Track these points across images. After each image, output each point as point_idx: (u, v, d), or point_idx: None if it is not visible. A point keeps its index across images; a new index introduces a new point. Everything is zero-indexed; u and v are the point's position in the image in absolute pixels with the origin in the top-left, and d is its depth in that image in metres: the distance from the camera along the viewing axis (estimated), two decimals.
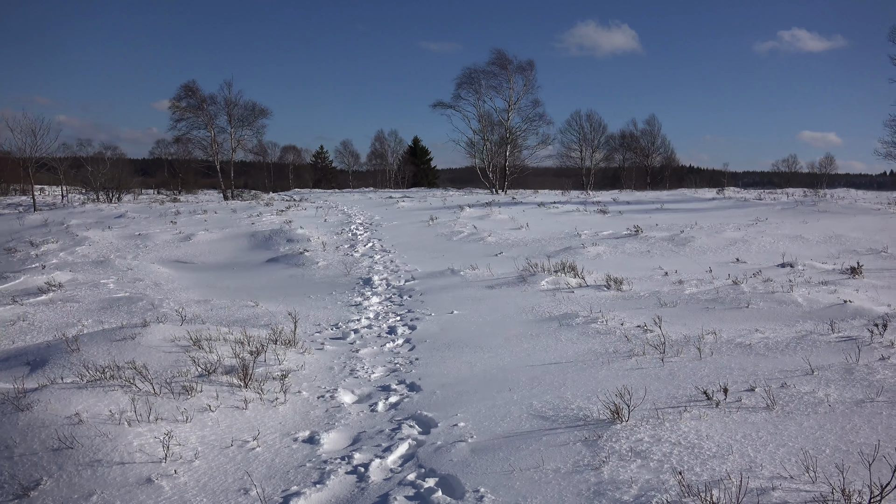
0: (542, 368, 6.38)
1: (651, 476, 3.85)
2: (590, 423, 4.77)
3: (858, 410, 4.62)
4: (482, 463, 4.35)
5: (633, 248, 14.83)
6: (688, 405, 4.96)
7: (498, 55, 43.43)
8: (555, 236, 17.02)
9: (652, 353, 6.51)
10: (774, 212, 21.59)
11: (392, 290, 11.29)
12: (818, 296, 8.65)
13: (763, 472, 3.78)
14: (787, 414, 4.65)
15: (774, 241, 15.41)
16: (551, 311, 8.78)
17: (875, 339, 6.41)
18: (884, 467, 3.62)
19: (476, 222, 20.61)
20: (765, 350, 6.41)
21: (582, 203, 28.50)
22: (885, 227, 17.50)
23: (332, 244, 17.00)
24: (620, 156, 67.59)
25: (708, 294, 9.30)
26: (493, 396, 5.67)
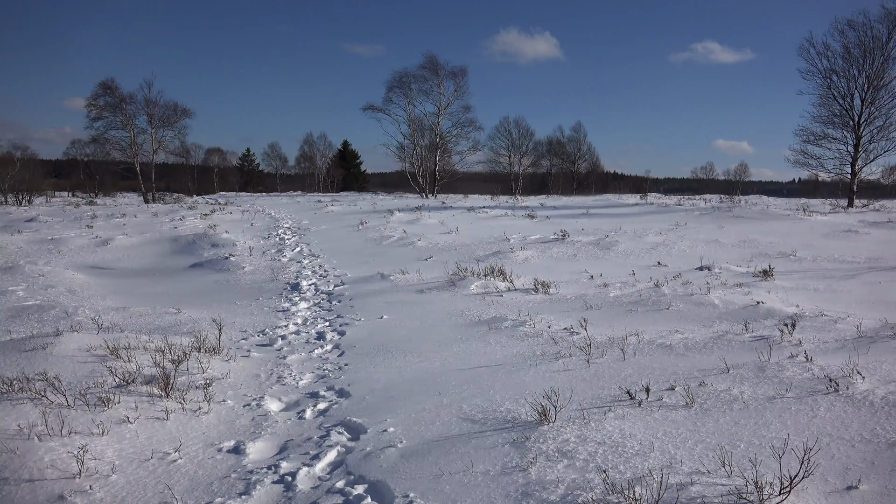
0: (472, 372, 6.42)
1: (577, 475, 3.93)
2: (518, 424, 4.84)
3: (770, 406, 4.86)
4: (412, 468, 4.34)
5: (561, 253, 15.14)
6: (612, 405, 5.09)
7: (429, 60, 43.64)
8: (484, 241, 17.19)
9: (578, 354, 6.66)
10: (693, 217, 22.48)
11: (321, 295, 11.14)
12: (733, 297, 9.05)
13: (682, 468, 3.92)
14: (704, 411, 4.84)
15: (693, 245, 16.04)
16: (481, 315, 8.86)
17: (785, 338, 6.77)
18: (793, 460, 3.81)
19: (406, 227, 20.60)
20: (684, 350, 6.66)
21: (511, 208, 28.91)
22: (794, 231, 18.50)
23: (259, 249, 16.65)
24: (548, 161, 69.03)
25: (631, 297, 9.59)
26: (422, 401, 5.67)
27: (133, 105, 42.50)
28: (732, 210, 23.72)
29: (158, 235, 18.93)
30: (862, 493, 3.57)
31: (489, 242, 16.87)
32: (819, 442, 4.17)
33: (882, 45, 30.45)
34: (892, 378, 5.31)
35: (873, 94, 31.12)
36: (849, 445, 4.14)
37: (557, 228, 18.79)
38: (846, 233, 18.14)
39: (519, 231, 19.28)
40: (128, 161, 44.65)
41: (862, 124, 31.51)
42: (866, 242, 16.64)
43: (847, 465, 3.89)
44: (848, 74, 31.54)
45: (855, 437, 4.24)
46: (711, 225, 20.13)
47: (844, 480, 3.72)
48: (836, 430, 4.38)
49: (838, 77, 31.83)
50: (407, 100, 44.44)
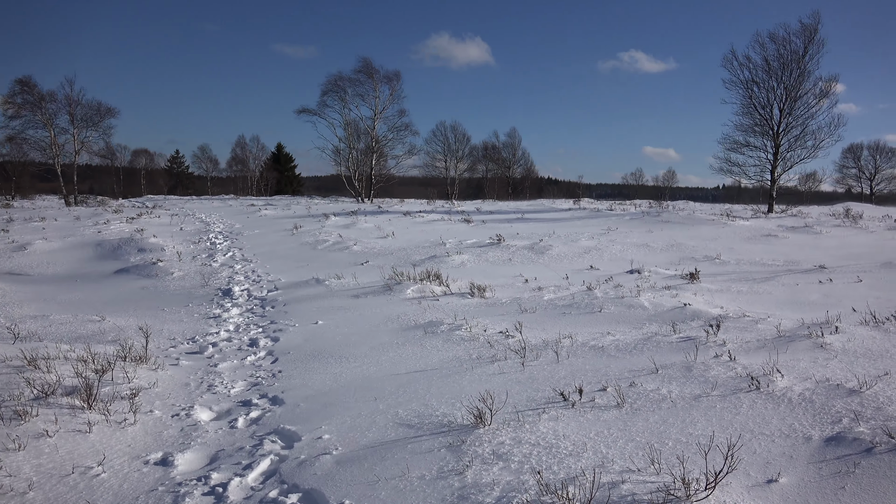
0: (408, 377, 6.41)
1: (512, 477, 3.97)
2: (454, 428, 4.85)
3: (696, 405, 5.03)
4: (347, 475, 4.29)
5: (496, 257, 15.28)
6: (546, 407, 5.17)
7: (364, 64, 43.41)
8: (420, 245, 17.20)
9: (513, 357, 6.73)
10: (624, 222, 23.10)
11: (254, 300, 10.91)
12: (662, 300, 9.33)
13: (614, 467, 4.01)
14: (635, 411, 4.97)
15: (624, 249, 16.47)
16: (417, 320, 8.85)
17: (710, 339, 7.02)
18: (718, 456, 3.95)
19: (342, 231, 20.42)
20: (615, 351, 6.82)
21: (447, 212, 29.03)
22: (718, 236, 19.24)
23: (189, 254, 16.18)
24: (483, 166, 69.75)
25: (565, 300, 9.76)
26: (358, 407, 5.62)
27: (53, 104, 40.72)
28: (661, 215, 24.50)
29: (81, 240, 18.14)
30: (781, 486, 3.74)
31: (425, 247, 16.89)
32: (742, 438, 4.34)
33: (798, 59, 32.08)
34: (809, 375, 5.58)
35: (790, 104, 32.72)
36: (769, 440, 4.33)
37: (493, 233, 18.97)
38: (766, 237, 19.00)
39: (455, 235, 19.37)
40: (47, 162, 42.68)
41: (780, 133, 33.08)
42: (785, 246, 17.46)
43: (768, 460, 4.06)
44: (767, 86, 33.09)
45: (775, 433, 4.44)
46: (641, 229, 20.72)
47: (765, 474, 3.88)
48: (757, 426, 4.57)
49: (759, 88, 33.35)
50: (342, 103, 44.10)
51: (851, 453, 4.03)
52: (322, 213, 26.87)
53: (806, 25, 32.05)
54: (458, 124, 64.94)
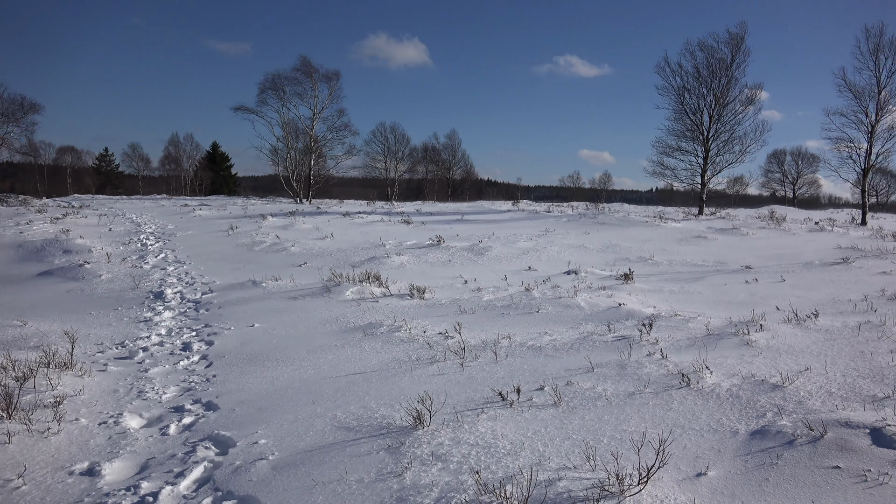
0: (347, 379, 6.35)
1: (451, 478, 3.98)
2: (393, 430, 4.83)
3: (630, 402, 5.16)
4: (284, 480, 4.21)
5: (436, 258, 15.32)
6: (485, 407, 5.21)
7: (303, 62, 42.77)
8: (360, 246, 17.08)
9: (453, 358, 6.75)
10: (561, 223, 23.50)
11: (187, 303, 10.61)
12: (598, 300, 9.53)
13: (551, 465, 4.07)
14: (571, 409, 5.06)
15: (561, 250, 16.76)
16: (356, 321, 8.78)
17: (643, 338, 7.21)
18: (650, 451, 4.06)
19: (279, 232, 20.08)
20: (553, 351, 6.93)
21: (387, 213, 28.93)
22: (652, 237, 19.80)
23: (118, 255, 15.62)
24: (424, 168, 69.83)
25: (504, 300, 9.86)
26: (296, 410, 5.53)
27: None
28: (597, 217, 25.04)
29: (0, 241, 17.28)
30: (710, 479, 3.87)
31: (365, 248, 16.78)
32: (673, 433, 4.48)
33: (726, 67, 33.32)
34: (736, 372, 5.80)
35: (719, 111, 33.95)
36: (698, 435, 4.47)
37: (433, 234, 19.01)
38: (697, 238, 19.65)
39: (395, 237, 19.32)
40: None
41: (710, 138, 34.27)
42: (714, 247, 18.10)
43: (697, 454, 4.20)
44: (698, 92, 34.24)
45: (704, 428, 4.59)
46: (578, 231, 21.13)
47: (695, 468, 4.01)
48: (687, 421, 4.72)
49: (690, 94, 34.47)
50: (280, 102, 43.31)
51: (775, 446, 4.21)
52: (259, 214, 26.37)
53: (733, 35, 33.40)
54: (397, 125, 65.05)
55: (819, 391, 5.19)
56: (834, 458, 3.97)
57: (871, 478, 3.72)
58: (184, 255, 15.99)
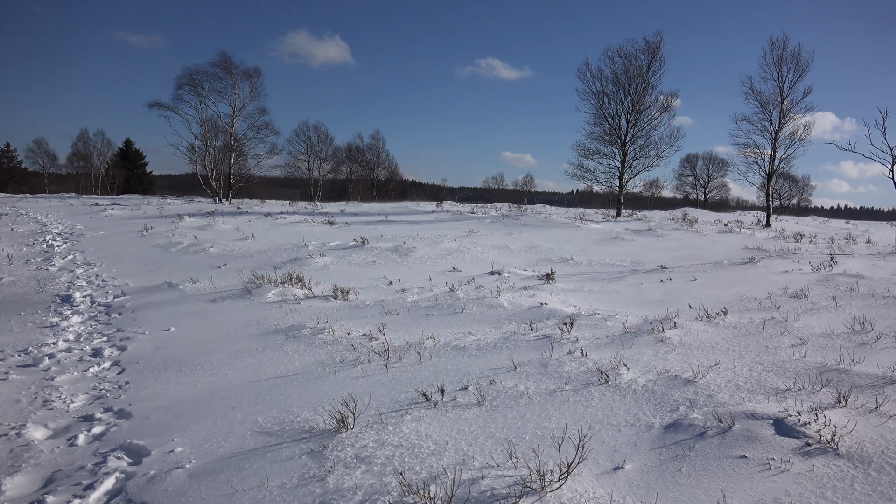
0: (269, 383, 6.21)
1: (375, 480, 3.96)
2: (316, 434, 4.76)
3: (551, 399, 5.27)
4: (201, 488, 4.08)
5: (360, 259, 15.20)
6: (409, 408, 5.21)
7: (222, 58, 41.54)
8: (282, 247, 16.75)
9: (377, 360, 6.72)
10: (485, 224, 23.77)
11: (98, 307, 10.12)
12: (521, 300, 9.69)
13: (474, 464, 4.11)
14: (494, 408, 5.12)
15: (485, 250, 16.94)
16: (278, 324, 8.61)
17: (564, 336, 7.39)
18: (570, 447, 4.16)
19: (197, 232, 19.46)
20: (476, 351, 6.99)
21: (310, 214, 28.50)
22: (572, 238, 20.30)
23: (21, 257, 14.75)
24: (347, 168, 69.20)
25: (428, 301, 9.88)
26: (214, 416, 5.37)
27: None
28: (520, 218, 25.47)
29: None
30: (627, 473, 4.00)
31: (287, 249, 16.47)
32: (592, 429, 4.61)
33: (643, 73, 34.56)
34: (651, 368, 6.01)
35: (636, 116, 35.16)
36: (616, 430, 4.62)
37: (357, 235, 18.86)
38: (615, 239, 20.28)
39: (318, 237, 19.06)
40: None
41: (627, 143, 35.44)
42: (631, 248, 18.72)
43: (615, 448, 4.33)
44: (616, 97, 35.35)
45: (621, 423, 4.74)
46: (501, 232, 21.42)
47: (613, 462, 4.13)
48: (606, 417, 4.86)
49: (608, 99, 35.54)
50: (199, 98, 41.90)
51: (687, 438, 4.39)
52: (176, 214, 25.46)
53: (650, 43, 34.66)
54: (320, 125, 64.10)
55: (728, 385, 5.45)
56: (741, 448, 4.18)
57: (774, 466, 3.93)
58: (94, 257, 15.26)
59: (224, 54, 41.82)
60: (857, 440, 4.19)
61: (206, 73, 41.35)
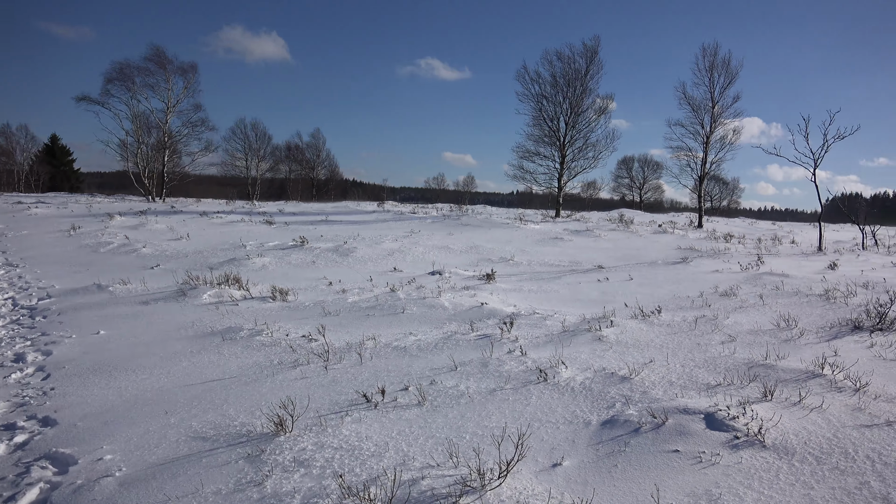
0: (204, 386, 6.05)
1: (314, 483, 3.90)
2: (253, 438, 4.67)
3: (492, 398, 5.31)
4: (132, 497, 3.94)
5: (299, 259, 14.99)
6: (349, 409, 5.16)
7: (155, 52, 40.33)
8: (218, 247, 16.37)
9: (316, 361, 6.63)
10: (426, 225, 23.79)
11: (21, 310, 9.66)
12: (461, 299, 9.74)
13: (415, 464, 4.10)
14: (435, 408, 5.13)
15: (426, 251, 16.95)
16: (214, 326, 8.40)
17: (504, 336, 7.46)
18: (510, 445, 4.20)
19: (129, 232, 18.82)
20: (417, 351, 6.99)
21: (247, 213, 27.94)
22: (512, 238, 20.51)
23: None
24: (287, 167, 68.16)
25: (369, 302, 9.82)
26: (147, 422, 5.19)
27: None
28: (461, 219, 25.59)
29: None
30: (565, 469, 4.06)
31: (224, 249, 16.11)
32: (531, 427, 4.66)
33: (581, 77, 35.29)
34: (589, 365, 6.13)
35: (574, 118, 35.87)
36: (555, 427, 4.69)
37: (296, 235, 18.59)
38: (554, 240, 20.60)
39: (256, 237, 18.70)
40: None
41: (566, 145, 36.10)
42: (570, 248, 19.06)
43: (553, 445, 4.39)
44: (555, 100, 35.99)
45: (560, 420, 4.82)
46: (442, 232, 21.48)
47: (551, 459, 4.19)
48: (545, 414, 4.93)
49: (547, 102, 36.16)
50: (130, 94, 40.53)
51: (623, 434, 4.49)
52: (106, 213, 24.56)
53: (588, 47, 35.40)
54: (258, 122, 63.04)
55: (661, 381, 5.60)
56: (674, 442, 4.30)
57: (704, 459, 4.07)
58: (17, 258, 14.56)
59: (157, 48, 40.52)
60: (782, 432, 4.37)
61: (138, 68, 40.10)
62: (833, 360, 6.21)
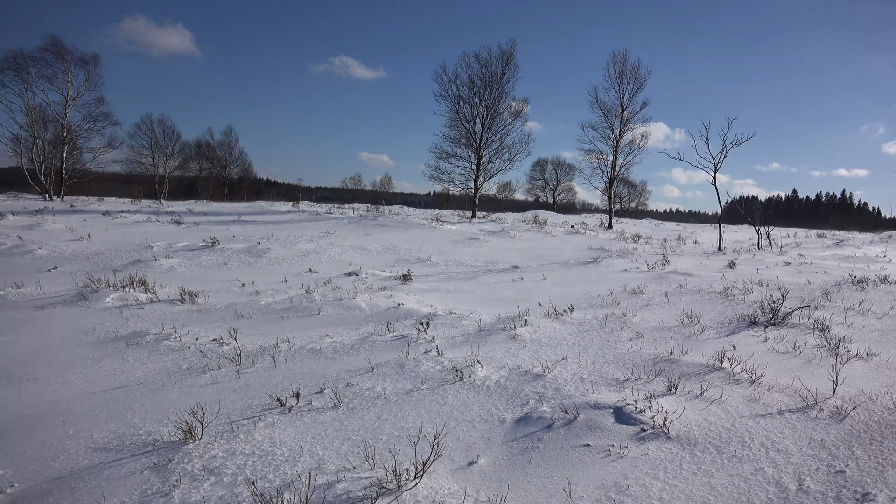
0: (106, 395, 5.76)
1: (225, 491, 3.79)
2: (160, 447, 4.48)
3: (408, 399, 5.31)
4: None
5: (210, 260, 14.51)
6: (262, 414, 5.04)
7: (52, 42, 38.02)
8: (123, 248, 15.63)
9: (228, 365, 6.44)
10: (343, 225, 23.54)
11: None
12: (378, 300, 9.69)
13: (330, 468, 4.04)
14: (351, 410, 5.08)
15: (342, 251, 16.77)
16: (118, 331, 8.02)
17: (421, 336, 7.47)
18: (426, 445, 4.21)
19: (22, 232, 17.69)
20: (333, 353, 6.90)
21: (155, 213, 26.82)
22: (429, 239, 20.59)
23: None
24: (197, 165, 65.86)
25: (283, 303, 9.62)
26: (42, 434, 4.89)
27: None
28: (378, 219, 25.47)
29: None
30: (480, 467, 4.11)
31: (129, 250, 15.39)
32: (447, 426, 4.69)
33: (498, 80, 35.81)
34: (504, 364, 6.23)
35: (491, 120, 36.37)
36: (470, 426, 4.73)
37: (207, 235, 18.00)
38: (470, 240, 20.82)
39: (164, 238, 17.98)
40: None
41: (482, 146, 36.55)
42: (486, 248, 19.31)
43: (469, 444, 4.43)
44: (472, 102, 36.36)
45: (475, 418, 4.87)
46: (359, 232, 21.31)
47: (467, 457, 4.23)
48: (461, 413, 4.97)
49: (464, 103, 36.48)
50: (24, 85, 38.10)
51: (536, 430, 4.59)
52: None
53: (504, 51, 35.97)
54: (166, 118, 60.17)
55: (573, 378, 5.76)
56: (585, 437, 4.43)
57: (614, 452, 4.21)
58: None
59: (54, 38, 38.21)
60: (685, 424, 4.58)
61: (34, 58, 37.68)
62: (731, 353, 6.56)
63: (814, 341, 7.17)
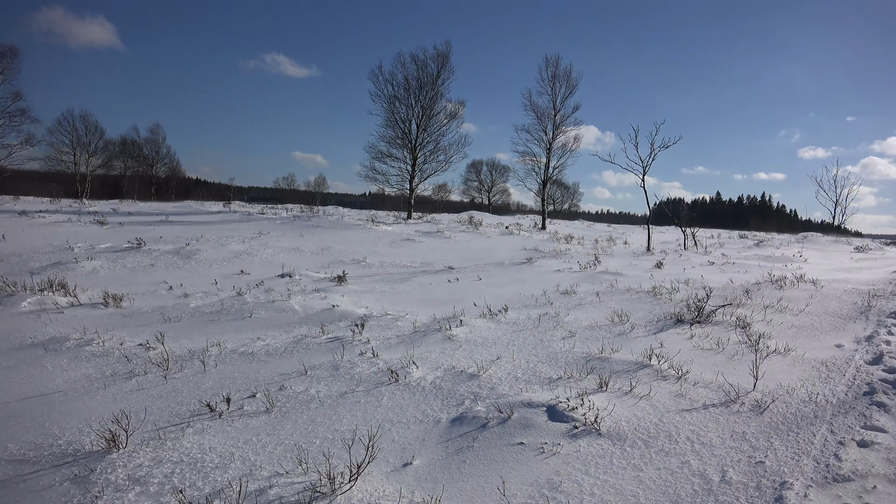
0: (22, 404, 5.48)
1: (151, 502, 3.66)
2: (81, 457, 4.29)
3: (343, 401, 5.26)
4: None
5: (136, 262, 14.00)
6: (191, 420, 4.89)
7: None
8: (41, 250, 14.91)
9: (155, 371, 6.23)
10: (276, 226, 23.12)
11: None
12: (312, 302, 9.56)
13: (262, 473, 3.96)
14: (284, 414, 4.99)
15: (276, 252, 16.48)
16: (35, 336, 7.64)
17: (356, 338, 7.41)
18: (361, 448, 4.18)
19: None
20: (266, 356, 6.77)
21: (76, 213, 25.68)
22: (364, 240, 20.46)
23: None
24: (122, 163, 63.48)
25: (213, 306, 9.38)
26: None
27: None
28: (312, 220, 25.14)
29: None
30: (416, 468, 4.10)
31: (48, 252, 14.69)
32: (382, 428, 4.67)
33: (433, 81, 35.88)
34: (439, 365, 6.24)
35: (426, 121, 36.41)
36: (405, 427, 4.72)
37: (132, 236, 17.37)
38: (406, 241, 20.79)
39: (86, 239, 17.24)
40: None
41: (418, 147, 36.55)
42: (421, 249, 19.32)
43: (404, 445, 4.42)
44: (407, 102, 36.30)
45: (411, 420, 4.86)
46: (293, 233, 20.98)
47: (402, 459, 4.22)
48: (396, 415, 4.95)
49: (400, 104, 36.39)
50: None
51: (471, 430, 4.62)
52: None
53: (440, 52, 36.07)
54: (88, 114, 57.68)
55: (508, 377, 5.82)
56: (519, 435, 4.49)
57: (547, 449, 4.28)
58: None
59: None
60: (616, 420, 4.70)
61: None
62: (659, 351, 6.77)
63: (736, 338, 7.47)
